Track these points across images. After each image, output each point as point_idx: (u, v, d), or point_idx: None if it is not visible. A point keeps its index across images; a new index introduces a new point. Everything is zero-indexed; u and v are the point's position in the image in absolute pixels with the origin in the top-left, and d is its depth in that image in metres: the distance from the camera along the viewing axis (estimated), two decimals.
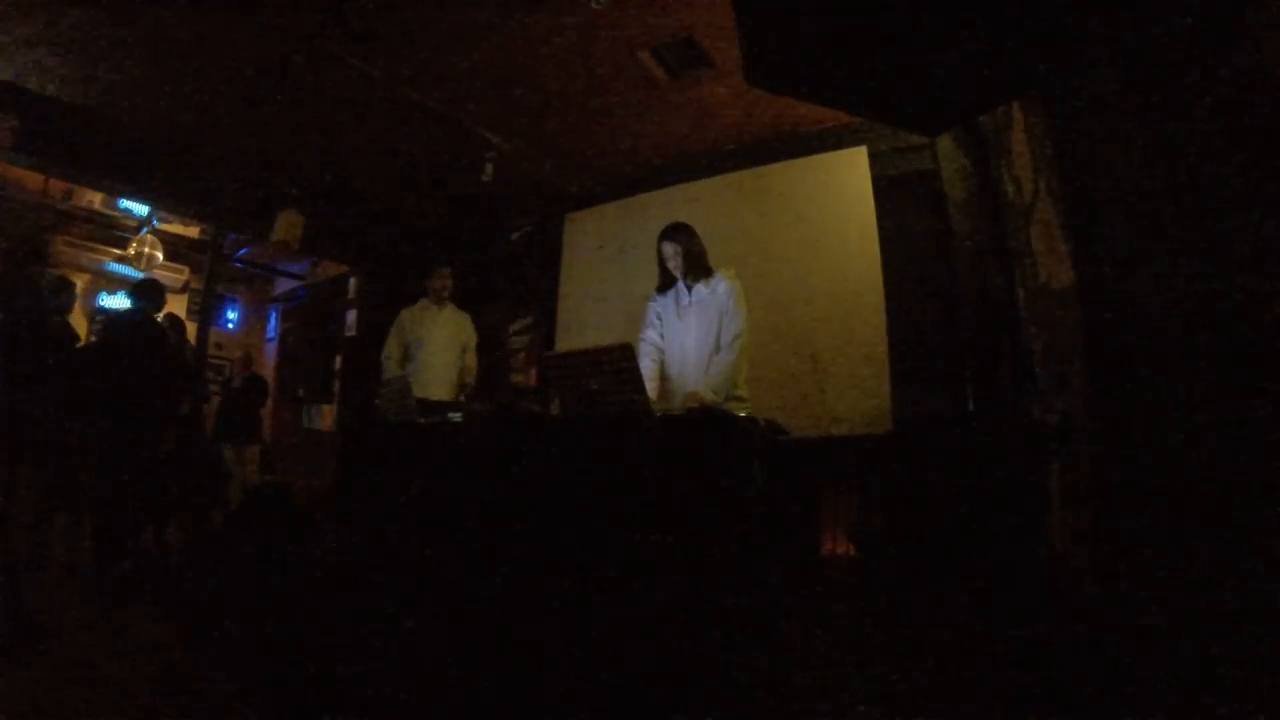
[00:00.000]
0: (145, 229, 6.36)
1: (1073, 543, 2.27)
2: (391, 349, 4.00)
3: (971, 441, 3.09)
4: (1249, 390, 1.30)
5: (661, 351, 2.88)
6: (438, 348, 3.97)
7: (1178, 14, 1.41)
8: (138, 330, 3.61)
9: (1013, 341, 3.02)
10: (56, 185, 5.79)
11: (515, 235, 5.52)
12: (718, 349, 2.70)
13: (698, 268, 2.80)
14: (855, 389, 3.63)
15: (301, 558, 2.81)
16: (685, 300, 2.84)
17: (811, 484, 3.34)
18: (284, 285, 8.22)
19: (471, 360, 4.14)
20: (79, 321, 5.60)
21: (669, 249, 2.81)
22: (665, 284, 2.90)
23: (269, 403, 6.24)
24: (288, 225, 4.94)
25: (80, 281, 5.46)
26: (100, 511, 3.32)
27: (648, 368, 2.71)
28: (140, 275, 6.01)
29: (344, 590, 2.58)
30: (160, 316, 4.05)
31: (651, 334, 2.90)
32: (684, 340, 2.81)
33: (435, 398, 3.64)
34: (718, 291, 2.76)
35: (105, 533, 3.28)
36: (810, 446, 3.48)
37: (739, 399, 2.69)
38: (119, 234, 6.59)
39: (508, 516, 2.23)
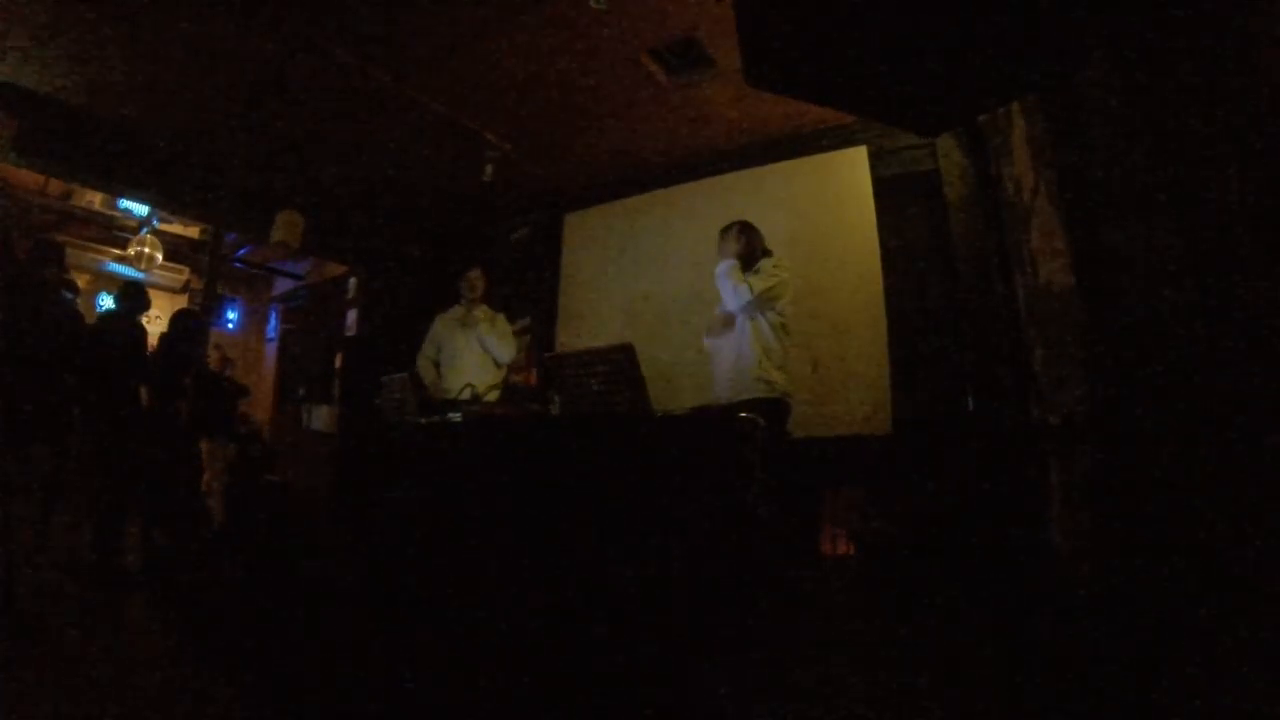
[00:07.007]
0: (145, 229, 6.36)
1: (1073, 543, 2.27)
2: (426, 354, 3.94)
3: (971, 441, 3.08)
4: (1248, 390, 1.30)
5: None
6: (460, 348, 3.90)
7: (1177, 14, 1.41)
8: (118, 331, 3.63)
9: (1013, 341, 3.01)
10: (56, 185, 5.80)
11: (515, 235, 5.52)
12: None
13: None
14: (855, 389, 3.62)
15: (300, 557, 2.81)
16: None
17: (811, 484, 3.34)
18: (284, 285, 8.22)
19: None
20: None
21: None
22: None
23: (252, 401, 6.23)
24: (288, 225, 4.93)
25: (80, 281, 5.46)
26: (99, 507, 3.33)
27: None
28: (141, 275, 6.03)
29: (343, 590, 2.57)
30: (148, 316, 4.05)
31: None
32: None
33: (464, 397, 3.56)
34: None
35: (105, 529, 3.28)
36: (810, 446, 3.48)
37: (769, 382, 2.79)
38: (119, 234, 6.60)
39: (507, 517, 2.23)
